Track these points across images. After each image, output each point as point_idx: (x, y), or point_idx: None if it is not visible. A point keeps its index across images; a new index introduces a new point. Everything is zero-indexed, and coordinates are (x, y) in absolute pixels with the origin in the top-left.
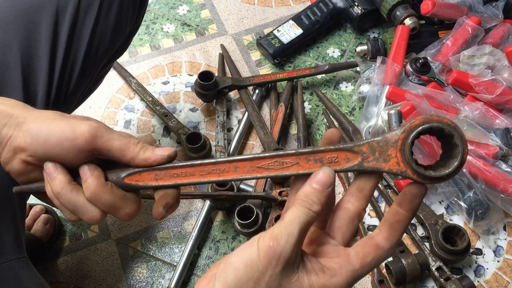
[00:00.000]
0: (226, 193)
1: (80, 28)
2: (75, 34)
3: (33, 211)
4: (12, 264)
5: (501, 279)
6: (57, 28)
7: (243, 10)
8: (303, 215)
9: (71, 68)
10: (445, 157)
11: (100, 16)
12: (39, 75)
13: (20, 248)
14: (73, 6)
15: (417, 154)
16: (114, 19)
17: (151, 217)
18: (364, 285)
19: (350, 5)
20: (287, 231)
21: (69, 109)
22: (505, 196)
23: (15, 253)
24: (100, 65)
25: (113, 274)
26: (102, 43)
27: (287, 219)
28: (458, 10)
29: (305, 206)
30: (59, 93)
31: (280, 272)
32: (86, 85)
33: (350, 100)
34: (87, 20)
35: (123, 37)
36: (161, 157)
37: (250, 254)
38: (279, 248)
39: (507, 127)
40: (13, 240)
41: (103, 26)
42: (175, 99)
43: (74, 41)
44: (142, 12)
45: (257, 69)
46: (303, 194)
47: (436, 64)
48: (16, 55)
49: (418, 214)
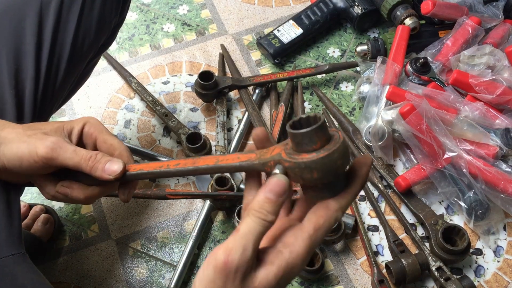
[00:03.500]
0: (226, 193)
1: (64, 23)
2: (60, 29)
3: (33, 211)
4: (7, 261)
5: (501, 279)
6: (42, 23)
7: (243, 10)
8: (258, 227)
9: (57, 63)
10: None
11: (84, 10)
12: (25, 71)
13: (15, 244)
14: (57, 1)
15: (417, 154)
16: (98, 13)
17: (151, 217)
18: (364, 285)
19: (350, 5)
20: (242, 244)
21: (56, 104)
22: (505, 196)
23: (9, 249)
24: (86, 59)
25: (113, 274)
26: (87, 38)
27: (242, 231)
28: (458, 10)
29: (259, 218)
30: (46, 89)
31: (240, 283)
32: (73, 80)
33: (350, 100)
34: (71, 15)
35: (108, 31)
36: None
37: (207, 275)
38: (235, 263)
39: (507, 127)
40: (7, 236)
41: (87, 20)
42: (175, 99)
43: (59, 36)
44: (126, 5)
45: (257, 69)
46: (257, 204)
47: (436, 64)
48: (3, 51)
49: (418, 214)
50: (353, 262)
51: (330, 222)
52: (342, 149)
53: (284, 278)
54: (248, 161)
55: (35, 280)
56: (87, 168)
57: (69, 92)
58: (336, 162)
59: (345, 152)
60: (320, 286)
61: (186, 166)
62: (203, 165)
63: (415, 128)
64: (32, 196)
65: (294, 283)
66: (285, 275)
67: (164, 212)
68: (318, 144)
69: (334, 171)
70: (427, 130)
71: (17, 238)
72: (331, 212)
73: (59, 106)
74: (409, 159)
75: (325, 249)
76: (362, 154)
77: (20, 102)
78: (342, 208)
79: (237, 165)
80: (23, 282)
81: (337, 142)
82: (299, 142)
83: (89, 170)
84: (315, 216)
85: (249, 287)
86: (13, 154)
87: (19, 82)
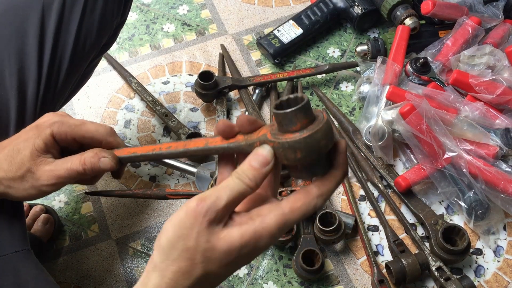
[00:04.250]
0: None
1: (66, 24)
2: (62, 30)
3: (33, 211)
4: (10, 258)
5: (501, 279)
6: (44, 24)
7: (243, 10)
8: (236, 186)
9: (59, 64)
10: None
11: (85, 11)
12: (28, 72)
13: (18, 241)
14: (59, 1)
15: (417, 154)
16: (100, 13)
17: (151, 217)
18: (364, 285)
19: (350, 5)
20: (216, 194)
21: (58, 105)
22: (505, 196)
23: (13, 246)
24: (87, 60)
25: (113, 274)
26: (89, 38)
27: (219, 185)
28: (458, 10)
29: (239, 179)
30: (48, 89)
31: (206, 228)
32: (75, 80)
33: (350, 100)
34: (73, 15)
35: (109, 31)
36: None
37: (178, 216)
38: (205, 207)
39: (507, 127)
40: (10, 233)
41: (89, 21)
42: (175, 99)
43: (61, 37)
44: (128, 5)
45: (257, 69)
46: (240, 169)
47: (436, 64)
48: (5, 52)
49: (418, 214)
50: (353, 262)
51: (308, 207)
52: (325, 128)
53: (248, 247)
54: (235, 142)
55: (39, 276)
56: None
57: (71, 92)
58: (319, 142)
59: (328, 132)
60: (320, 286)
61: (178, 148)
62: (193, 147)
63: (415, 128)
64: None
65: (294, 283)
66: (250, 243)
67: (164, 212)
68: (301, 124)
69: (317, 151)
70: (427, 130)
71: (21, 235)
72: (311, 197)
73: (61, 106)
74: (409, 159)
75: (325, 249)
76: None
77: (22, 102)
78: (323, 195)
79: (225, 146)
80: (26, 278)
81: (320, 122)
82: (282, 122)
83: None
84: (294, 198)
85: (214, 236)
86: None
87: (21, 82)
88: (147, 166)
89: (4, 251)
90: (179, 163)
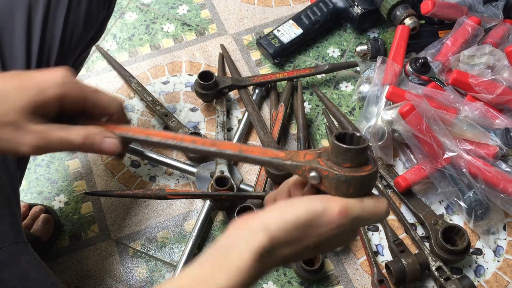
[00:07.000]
0: (226, 193)
1: (53, 17)
2: (49, 23)
3: (33, 211)
4: (11, 249)
5: (501, 279)
6: (31, 17)
7: (243, 10)
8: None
9: (47, 58)
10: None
11: (71, 5)
12: (15, 65)
13: (17, 233)
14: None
15: (417, 154)
16: (85, 7)
17: (151, 217)
18: (364, 285)
19: (350, 5)
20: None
21: None
22: (505, 196)
23: (13, 238)
24: (75, 53)
25: (113, 274)
26: (75, 32)
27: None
28: (458, 10)
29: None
30: None
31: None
32: None
33: (350, 100)
34: (60, 8)
35: (96, 25)
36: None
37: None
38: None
39: (507, 127)
40: (9, 225)
41: (75, 14)
42: (175, 99)
43: (48, 30)
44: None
45: (257, 69)
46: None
47: (436, 64)
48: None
49: (418, 214)
50: (353, 262)
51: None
52: (377, 172)
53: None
54: (278, 158)
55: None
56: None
57: None
58: (371, 182)
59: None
60: (320, 286)
61: (205, 145)
62: (225, 149)
63: (415, 128)
64: (32, 196)
65: (294, 283)
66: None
67: (164, 212)
68: (357, 162)
69: (367, 190)
70: (427, 130)
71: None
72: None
73: None
74: (409, 159)
75: None
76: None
77: None
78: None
79: (265, 159)
80: (28, 269)
81: (375, 165)
82: (340, 155)
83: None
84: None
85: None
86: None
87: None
88: (147, 166)
89: (5, 242)
90: (179, 163)
